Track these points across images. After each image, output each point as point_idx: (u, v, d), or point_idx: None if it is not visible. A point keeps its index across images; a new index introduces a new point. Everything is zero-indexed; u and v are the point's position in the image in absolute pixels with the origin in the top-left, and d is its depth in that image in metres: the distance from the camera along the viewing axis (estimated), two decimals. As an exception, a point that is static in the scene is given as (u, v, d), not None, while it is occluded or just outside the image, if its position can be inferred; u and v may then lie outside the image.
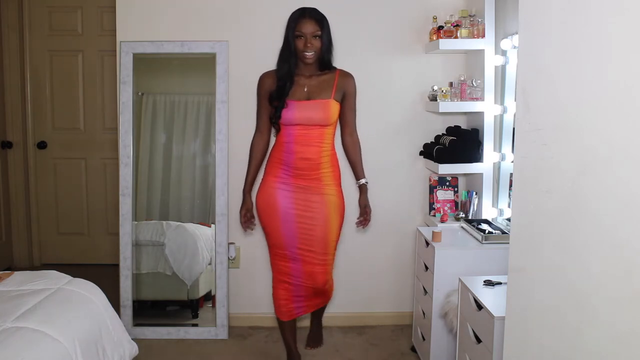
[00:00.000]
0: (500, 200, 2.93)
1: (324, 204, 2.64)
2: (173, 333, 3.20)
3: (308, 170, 2.63)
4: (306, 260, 2.66)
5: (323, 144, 2.64)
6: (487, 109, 2.93)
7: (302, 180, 2.63)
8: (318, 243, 2.65)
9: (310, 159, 2.62)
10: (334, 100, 2.63)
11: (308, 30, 2.57)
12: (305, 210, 2.64)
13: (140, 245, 3.26)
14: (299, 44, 2.59)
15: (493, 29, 2.90)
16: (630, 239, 1.01)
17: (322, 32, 2.60)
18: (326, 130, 2.63)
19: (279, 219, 2.64)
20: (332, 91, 2.64)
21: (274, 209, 2.65)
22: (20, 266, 4.31)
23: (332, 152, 2.71)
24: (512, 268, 1.46)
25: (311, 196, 2.64)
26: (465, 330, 2.23)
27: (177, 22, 3.17)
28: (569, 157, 1.20)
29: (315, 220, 2.64)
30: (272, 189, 2.66)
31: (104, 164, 4.33)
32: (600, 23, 1.10)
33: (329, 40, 2.64)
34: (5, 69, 4.23)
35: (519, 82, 1.43)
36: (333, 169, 2.70)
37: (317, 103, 2.61)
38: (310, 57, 2.59)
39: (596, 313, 1.12)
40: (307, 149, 2.61)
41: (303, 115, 2.59)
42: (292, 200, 2.63)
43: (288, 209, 2.63)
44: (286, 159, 2.63)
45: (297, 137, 2.61)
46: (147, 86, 3.26)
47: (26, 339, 1.83)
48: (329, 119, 2.62)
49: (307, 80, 2.66)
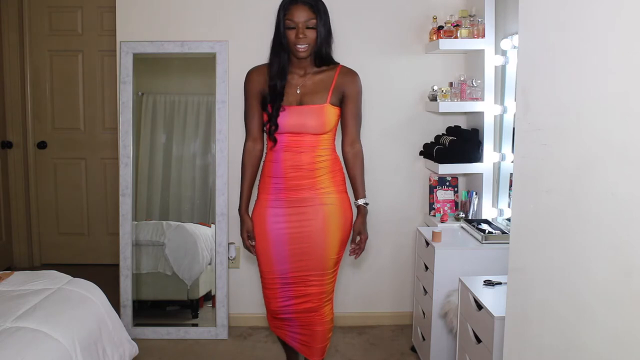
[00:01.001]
0: (500, 200, 2.93)
1: (320, 217, 2.25)
2: (173, 333, 3.20)
3: (300, 180, 2.23)
4: (299, 282, 2.29)
5: (318, 149, 2.24)
6: (487, 109, 2.93)
7: (295, 192, 2.24)
8: (314, 262, 2.27)
9: (301, 167, 2.23)
10: (329, 104, 2.23)
11: (300, 19, 2.15)
12: (300, 228, 2.25)
13: (140, 245, 3.26)
14: (290, 35, 2.17)
15: (493, 29, 2.90)
16: (630, 239, 1.01)
17: (318, 21, 2.17)
18: (322, 136, 2.24)
19: (269, 242, 2.28)
20: (328, 94, 2.23)
21: (264, 231, 2.29)
22: (20, 266, 4.31)
23: (332, 156, 2.30)
24: (512, 268, 1.46)
25: (306, 210, 2.24)
26: (465, 330, 2.23)
27: (177, 22, 3.17)
28: (569, 157, 1.20)
29: (311, 238, 2.25)
30: (263, 209, 2.29)
31: (104, 164, 4.33)
32: (599, 23, 1.10)
33: (326, 30, 2.21)
34: (5, 69, 4.23)
35: (519, 82, 1.43)
36: (333, 174, 2.29)
37: (310, 109, 2.21)
38: (304, 50, 2.18)
39: (596, 313, 1.12)
40: (298, 157, 2.23)
41: (294, 122, 2.20)
42: (284, 219, 2.25)
43: (279, 230, 2.26)
44: (275, 170, 2.25)
45: (286, 144, 2.23)
46: (147, 86, 3.26)
47: (26, 339, 1.83)
48: (324, 126, 2.22)
49: (300, 79, 2.26)
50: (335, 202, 2.28)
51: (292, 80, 2.26)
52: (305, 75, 2.27)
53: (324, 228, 2.26)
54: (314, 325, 2.35)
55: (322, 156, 2.26)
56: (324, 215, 2.25)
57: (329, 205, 2.26)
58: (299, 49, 2.18)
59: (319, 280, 2.30)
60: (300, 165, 2.23)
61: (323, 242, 2.26)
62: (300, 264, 2.27)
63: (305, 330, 2.36)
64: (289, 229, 2.26)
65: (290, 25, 2.17)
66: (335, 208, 2.28)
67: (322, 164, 2.26)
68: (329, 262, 2.29)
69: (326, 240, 2.26)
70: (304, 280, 2.29)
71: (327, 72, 2.28)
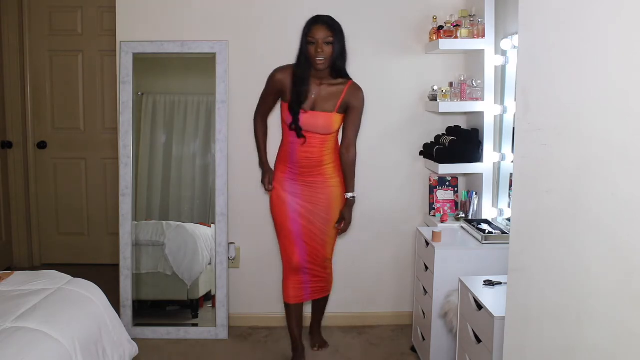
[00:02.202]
0: (500, 200, 2.93)
1: (327, 192, 2.81)
2: (173, 333, 3.20)
3: (311, 168, 2.77)
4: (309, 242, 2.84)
5: (325, 145, 2.77)
6: (487, 109, 2.93)
7: (306, 176, 2.78)
8: (320, 225, 2.82)
9: (312, 158, 2.76)
10: (336, 113, 2.72)
11: (320, 36, 2.61)
12: (311, 197, 2.80)
13: (140, 245, 3.26)
14: (311, 49, 2.63)
15: (493, 29, 2.90)
16: (630, 239, 1.01)
17: (334, 39, 2.63)
18: (329, 136, 2.76)
19: (288, 215, 2.81)
20: (337, 104, 2.71)
21: (283, 205, 2.81)
22: (20, 266, 4.31)
23: (336, 148, 2.82)
24: (512, 268, 1.46)
25: (316, 187, 2.79)
26: (465, 330, 2.23)
27: (177, 22, 3.17)
28: (569, 157, 1.20)
29: (320, 209, 2.81)
30: (280, 184, 2.82)
31: (104, 164, 4.33)
32: (599, 23, 1.10)
33: (341, 46, 2.66)
34: (5, 69, 4.22)
35: (519, 82, 1.43)
36: (336, 163, 2.82)
37: (320, 115, 2.70)
38: (321, 62, 2.62)
39: (596, 313, 1.12)
40: (310, 150, 2.74)
41: (306, 123, 2.70)
42: (299, 190, 2.80)
43: (295, 205, 2.81)
44: (291, 158, 2.78)
45: (300, 139, 2.73)
46: (147, 86, 3.26)
47: (26, 339, 1.82)
48: (331, 129, 2.74)
49: (317, 88, 2.72)
50: (338, 185, 2.83)
51: (310, 88, 2.72)
52: (321, 84, 2.73)
53: (330, 203, 2.82)
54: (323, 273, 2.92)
55: (328, 149, 2.78)
56: (330, 194, 2.82)
57: (334, 187, 2.82)
58: (318, 62, 2.63)
59: (322, 241, 2.85)
60: (311, 157, 2.75)
61: (328, 212, 2.82)
62: (311, 229, 2.82)
63: (316, 278, 2.90)
64: (301, 197, 2.81)
65: (312, 42, 2.63)
66: (338, 189, 2.84)
67: (327, 156, 2.78)
68: (331, 225, 2.84)
69: (331, 210, 2.82)
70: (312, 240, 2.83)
71: (338, 85, 2.74)
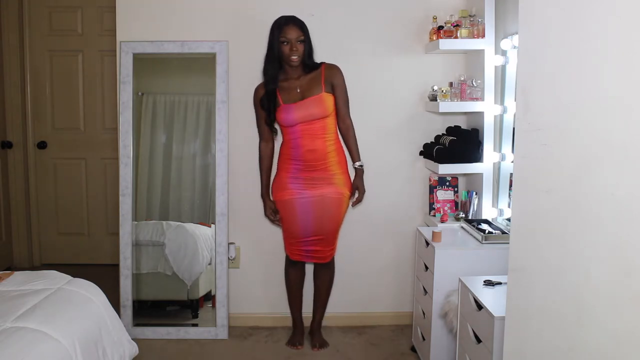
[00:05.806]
0: (500, 200, 2.93)
1: (333, 186, 2.88)
2: (173, 333, 3.20)
3: (315, 161, 2.85)
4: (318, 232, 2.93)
5: (327, 135, 2.85)
6: (487, 109, 2.93)
7: (312, 172, 2.86)
8: (328, 224, 2.91)
9: (316, 150, 2.84)
10: (325, 92, 2.84)
11: (292, 36, 2.77)
12: (315, 190, 2.87)
13: (140, 245, 3.26)
14: (285, 49, 2.78)
15: (493, 29, 2.90)
16: (630, 239, 1.01)
17: (305, 37, 2.81)
18: (327, 120, 2.85)
19: (297, 215, 2.90)
20: (321, 85, 2.85)
21: (291, 205, 2.90)
22: (20, 266, 4.31)
23: (337, 143, 2.92)
24: (512, 268, 1.46)
25: (321, 183, 2.86)
26: (465, 330, 2.23)
27: (177, 22, 3.17)
28: (569, 157, 1.20)
29: (328, 210, 2.89)
30: (285, 184, 2.90)
31: (104, 164, 4.33)
32: (599, 23, 1.10)
33: (309, 44, 2.85)
34: (5, 69, 4.22)
35: (519, 82, 1.43)
36: (339, 158, 2.92)
37: (312, 100, 2.82)
38: (296, 59, 2.79)
39: (595, 313, 1.12)
40: (313, 142, 2.83)
41: (303, 114, 2.80)
42: (303, 186, 2.87)
43: (304, 205, 2.88)
44: (295, 154, 2.86)
45: (302, 132, 2.82)
46: (147, 86, 3.26)
47: (26, 339, 1.83)
48: (327, 110, 2.84)
49: (297, 81, 2.86)
50: (342, 184, 2.92)
51: (292, 84, 2.86)
52: (299, 77, 2.87)
53: (336, 191, 2.89)
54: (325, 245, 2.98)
55: (331, 140, 2.87)
56: (335, 186, 2.89)
57: (337, 184, 2.90)
58: (293, 59, 2.80)
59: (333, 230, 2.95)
60: (315, 149, 2.83)
61: (336, 211, 2.90)
62: (319, 227, 2.90)
63: (318, 247, 2.97)
64: (307, 189, 2.88)
65: (285, 41, 2.78)
66: (341, 184, 2.91)
67: (331, 148, 2.87)
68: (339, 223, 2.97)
69: (338, 209, 2.91)
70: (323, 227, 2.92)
71: (315, 71, 2.89)
